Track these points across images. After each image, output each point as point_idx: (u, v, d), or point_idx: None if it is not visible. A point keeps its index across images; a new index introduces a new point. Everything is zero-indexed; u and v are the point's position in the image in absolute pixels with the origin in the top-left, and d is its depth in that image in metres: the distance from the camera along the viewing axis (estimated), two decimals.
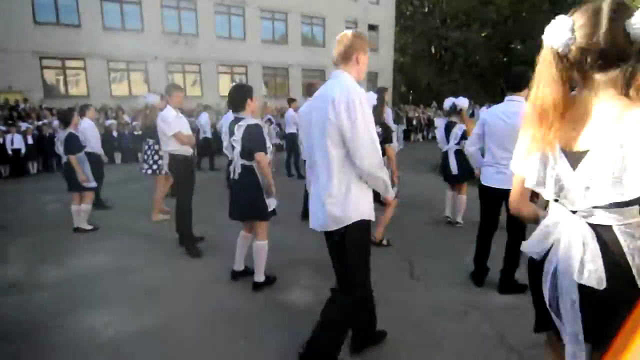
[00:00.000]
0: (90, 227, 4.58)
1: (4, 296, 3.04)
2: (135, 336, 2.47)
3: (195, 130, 8.17)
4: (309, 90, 4.75)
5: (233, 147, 2.91)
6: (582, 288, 1.04)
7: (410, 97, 26.62)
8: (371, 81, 23.09)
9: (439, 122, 5.16)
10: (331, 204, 1.80)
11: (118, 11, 15.67)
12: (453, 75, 24.86)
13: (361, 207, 1.84)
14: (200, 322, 2.64)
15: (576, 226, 1.06)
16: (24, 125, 9.16)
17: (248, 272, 3.20)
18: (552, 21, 1.06)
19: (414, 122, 17.04)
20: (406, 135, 15.92)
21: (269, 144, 3.02)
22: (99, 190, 5.42)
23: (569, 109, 1.08)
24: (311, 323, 2.00)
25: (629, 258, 1.00)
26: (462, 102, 4.64)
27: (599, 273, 1.01)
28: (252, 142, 2.83)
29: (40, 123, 9.64)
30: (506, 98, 2.83)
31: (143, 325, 2.59)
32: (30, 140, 8.99)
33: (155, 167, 4.95)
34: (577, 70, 1.06)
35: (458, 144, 4.54)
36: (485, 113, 3.01)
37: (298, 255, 3.75)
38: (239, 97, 2.92)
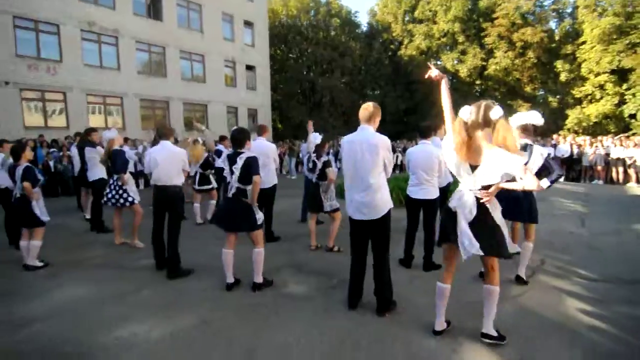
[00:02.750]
0: (40, 264, 4.30)
1: (6, 334, 2.91)
2: (170, 337, 2.89)
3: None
4: (260, 130, 5.64)
5: (232, 172, 3.64)
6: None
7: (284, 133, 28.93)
8: (251, 116, 24.40)
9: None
10: (378, 200, 3.02)
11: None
12: (322, 114, 28.18)
13: (389, 201, 3.14)
14: (231, 315, 3.21)
15: (469, 195, 2.53)
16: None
17: (239, 282, 3.80)
18: (464, 107, 2.52)
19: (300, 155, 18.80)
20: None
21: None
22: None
23: (470, 145, 2.49)
24: (317, 304, 2.97)
25: (489, 207, 2.53)
26: (316, 138, 5.57)
27: (473, 213, 2.49)
28: (252, 169, 3.61)
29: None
30: (420, 142, 4.34)
31: (175, 328, 3.00)
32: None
33: (123, 199, 5.21)
34: (470, 129, 2.47)
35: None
36: (409, 152, 4.47)
37: (274, 263, 4.49)
38: (241, 138, 3.71)
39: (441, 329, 2.85)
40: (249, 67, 23.69)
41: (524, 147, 3.60)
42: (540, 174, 3.60)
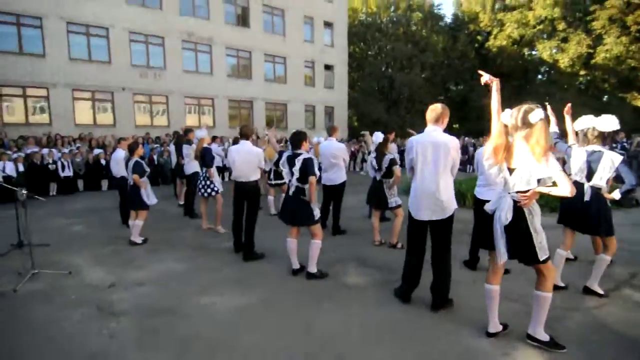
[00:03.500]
0: (141, 241, 5.23)
1: (115, 292, 3.67)
2: (240, 308, 3.32)
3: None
4: (330, 130, 5.94)
5: (292, 174, 3.96)
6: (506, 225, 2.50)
7: (361, 129, 29.12)
8: (328, 114, 25.04)
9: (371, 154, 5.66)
10: (445, 201, 3.13)
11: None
12: (399, 111, 27.69)
13: (454, 202, 3.24)
14: (293, 296, 3.57)
15: (507, 198, 2.49)
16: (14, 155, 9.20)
17: (304, 269, 4.11)
18: (506, 110, 2.52)
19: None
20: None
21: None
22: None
23: (509, 148, 2.48)
24: (371, 294, 3.17)
25: (525, 212, 2.46)
26: (378, 137, 5.54)
27: (508, 218, 2.46)
28: (309, 169, 3.88)
29: (29, 151, 9.66)
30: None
31: (244, 301, 3.44)
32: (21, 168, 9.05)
33: (210, 189, 5.96)
34: (511, 131, 2.45)
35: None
36: (477, 153, 4.37)
37: (338, 255, 4.77)
38: (298, 140, 4.02)
39: (494, 331, 2.82)
40: (327, 67, 24.30)
41: (591, 154, 3.38)
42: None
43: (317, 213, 3.99)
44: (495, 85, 2.67)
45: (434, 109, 3.20)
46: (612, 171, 3.32)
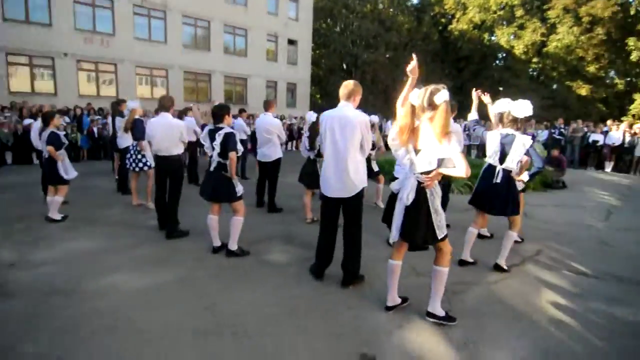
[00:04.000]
0: (59, 218, 4.91)
1: (12, 271, 3.43)
2: (146, 288, 3.23)
3: None
4: (266, 105, 5.81)
5: (213, 148, 3.82)
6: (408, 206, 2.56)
7: (326, 108, 28.90)
8: (290, 90, 24.58)
9: None
10: (352, 178, 3.10)
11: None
12: (363, 91, 27.67)
13: (363, 181, 3.21)
14: (210, 274, 3.51)
15: (412, 179, 2.54)
16: None
17: (225, 247, 4.02)
18: (414, 90, 2.48)
19: None
20: None
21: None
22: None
23: (415, 130, 2.50)
24: (291, 272, 3.17)
25: (427, 193, 2.52)
26: (375, 119, 6.20)
27: (410, 199, 2.50)
28: (229, 144, 3.76)
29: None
30: None
31: (155, 281, 3.34)
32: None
33: (141, 164, 5.70)
34: (417, 112, 2.47)
35: (373, 149, 6.05)
36: None
37: (267, 232, 4.73)
38: (220, 113, 3.86)
39: (392, 304, 2.92)
40: (291, 42, 23.64)
41: (505, 137, 3.52)
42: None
43: (239, 189, 3.91)
44: (410, 80, 2.61)
45: (346, 85, 3.18)
46: (522, 154, 3.49)
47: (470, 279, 3.56)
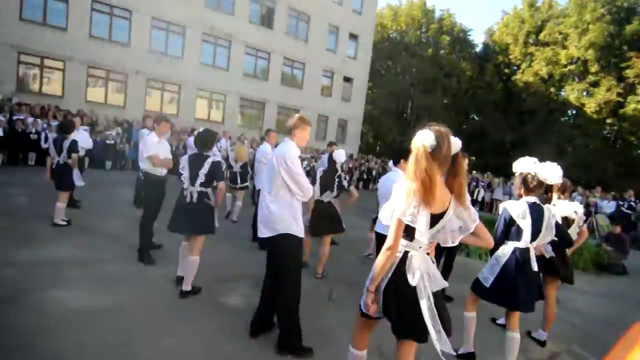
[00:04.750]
0: (64, 222, 5.12)
1: None
2: (92, 312, 3.07)
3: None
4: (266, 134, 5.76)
5: (197, 176, 3.58)
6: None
7: (378, 148, 28.63)
8: (341, 126, 24.77)
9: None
10: (275, 217, 2.79)
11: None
12: (415, 134, 27.11)
13: (291, 226, 2.81)
14: (152, 304, 3.31)
15: (422, 256, 1.94)
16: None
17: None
18: (421, 131, 1.89)
19: (374, 172, 18.40)
20: (365, 183, 17.36)
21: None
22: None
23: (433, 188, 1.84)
24: (238, 322, 2.83)
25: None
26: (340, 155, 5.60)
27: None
28: (217, 174, 3.61)
29: (15, 118, 9.89)
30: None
31: (105, 305, 3.20)
32: (0, 133, 9.23)
33: None
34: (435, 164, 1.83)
35: None
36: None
37: (242, 270, 4.47)
38: (208, 140, 3.70)
39: None
40: (347, 79, 24.11)
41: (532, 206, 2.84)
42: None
43: (216, 224, 3.72)
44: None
45: (290, 119, 2.96)
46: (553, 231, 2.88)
47: None
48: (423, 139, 1.84)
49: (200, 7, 18.19)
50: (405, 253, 1.92)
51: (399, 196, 1.86)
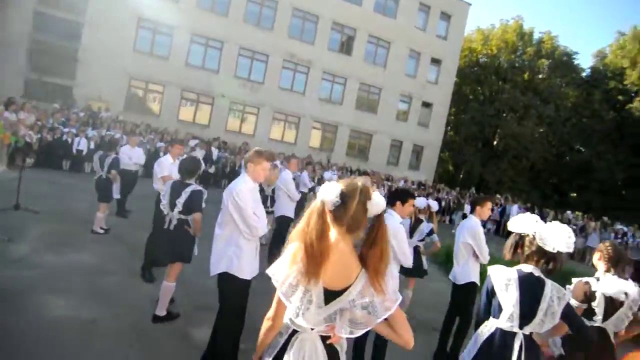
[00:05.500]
0: (102, 231, 5.70)
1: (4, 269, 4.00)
2: (65, 320, 3.23)
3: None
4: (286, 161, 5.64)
5: (175, 205, 3.51)
6: None
7: (459, 177, 26.65)
8: (415, 152, 23.70)
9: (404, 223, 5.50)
10: (220, 249, 2.76)
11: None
12: (500, 164, 24.65)
13: (232, 266, 2.67)
14: (117, 326, 3.36)
15: (313, 339, 1.54)
16: (90, 133, 11.14)
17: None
18: (326, 184, 1.55)
19: (442, 203, 17.06)
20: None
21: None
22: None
23: (327, 253, 1.48)
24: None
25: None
26: (434, 205, 5.19)
27: None
28: (195, 204, 3.52)
29: (104, 133, 11.55)
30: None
31: (75, 315, 3.38)
32: (92, 145, 10.85)
33: None
34: (331, 223, 1.50)
35: (422, 240, 4.98)
36: None
37: None
38: (192, 168, 3.64)
39: None
40: (426, 104, 23.17)
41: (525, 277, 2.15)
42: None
43: (196, 251, 3.67)
44: None
45: (248, 152, 2.87)
46: (558, 317, 2.06)
47: None
48: (325, 192, 1.49)
49: (283, 37, 19.41)
50: (293, 332, 1.55)
51: (282, 260, 1.54)
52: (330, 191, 1.47)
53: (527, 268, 2.17)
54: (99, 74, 16.21)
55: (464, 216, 17.51)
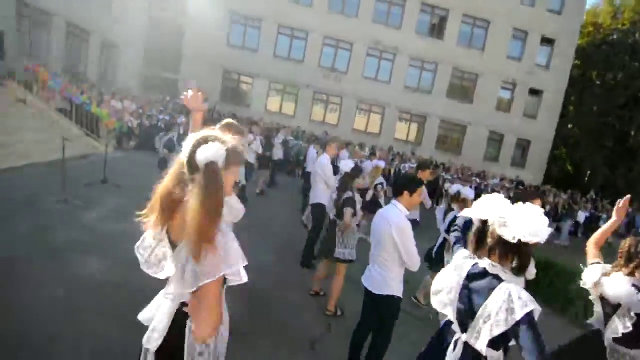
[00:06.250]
0: None
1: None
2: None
3: None
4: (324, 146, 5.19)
5: None
6: None
7: (584, 180, 22.60)
8: (520, 147, 20.74)
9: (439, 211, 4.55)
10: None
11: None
12: (634, 165, 20.13)
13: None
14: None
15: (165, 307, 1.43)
16: (180, 120, 12.25)
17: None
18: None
19: (547, 208, 14.54)
20: None
21: None
22: None
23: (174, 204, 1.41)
24: None
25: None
26: (468, 193, 4.21)
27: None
28: None
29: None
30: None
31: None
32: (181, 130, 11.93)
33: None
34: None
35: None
36: None
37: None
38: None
39: None
40: (534, 91, 20.08)
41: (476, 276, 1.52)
42: None
43: None
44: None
45: None
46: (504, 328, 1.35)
47: None
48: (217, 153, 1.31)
49: (368, 24, 18.77)
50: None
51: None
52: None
53: (484, 263, 1.53)
54: (199, 68, 17.87)
55: (576, 225, 14.61)
